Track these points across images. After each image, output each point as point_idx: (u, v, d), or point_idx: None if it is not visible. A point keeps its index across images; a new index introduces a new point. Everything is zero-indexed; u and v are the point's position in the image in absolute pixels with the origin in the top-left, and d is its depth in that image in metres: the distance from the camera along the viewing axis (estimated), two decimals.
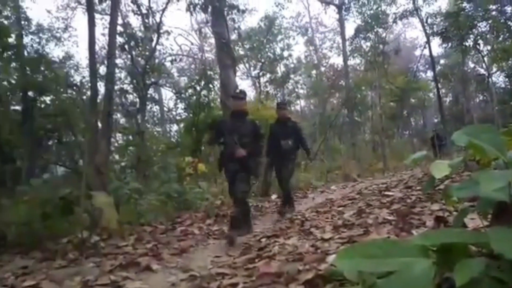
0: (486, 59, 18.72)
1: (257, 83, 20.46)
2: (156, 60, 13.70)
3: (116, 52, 8.16)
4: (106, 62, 6.81)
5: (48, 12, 19.31)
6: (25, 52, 10.82)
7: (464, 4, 13.95)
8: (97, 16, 10.50)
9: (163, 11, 12.41)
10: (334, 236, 2.65)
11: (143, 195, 4.94)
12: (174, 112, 16.14)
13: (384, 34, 17.30)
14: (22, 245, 3.39)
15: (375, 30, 16.51)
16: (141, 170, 7.63)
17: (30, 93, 9.80)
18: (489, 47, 17.44)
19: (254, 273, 2.09)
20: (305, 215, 4.51)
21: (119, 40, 10.31)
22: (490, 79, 19.50)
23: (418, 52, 23.72)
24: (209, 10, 8.50)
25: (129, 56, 12.33)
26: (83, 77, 12.95)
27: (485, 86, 21.27)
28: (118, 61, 13.18)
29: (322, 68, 24.36)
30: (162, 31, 12.16)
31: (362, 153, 17.93)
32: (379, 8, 16.58)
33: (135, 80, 12.63)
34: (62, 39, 15.13)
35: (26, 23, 11.91)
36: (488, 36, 15.06)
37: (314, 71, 24.30)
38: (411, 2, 15.46)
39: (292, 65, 21.92)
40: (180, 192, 5.70)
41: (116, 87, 11.31)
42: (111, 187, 4.54)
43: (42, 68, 10.05)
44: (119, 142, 13.67)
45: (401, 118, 22.44)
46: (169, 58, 15.32)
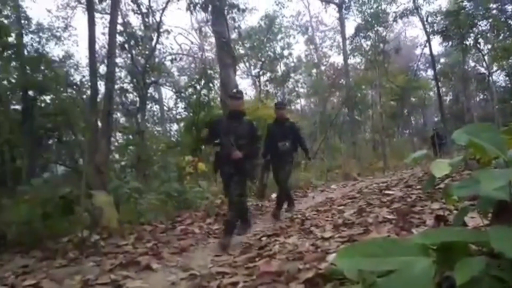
0: (486, 57, 18.70)
1: (257, 82, 20.45)
2: (156, 59, 13.70)
3: (116, 51, 8.15)
4: (106, 61, 6.81)
5: (48, 11, 19.46)
6: (25, 51, 10.84)
7: (465, 2, 13.91)
8: (97, 15, 10.51)
9: (163, 10, 12.41)
10: (334, 235, 2.66)
11: (143, 194, 4.94)
12: (174, 111, 16.13)
13: (384, 33, 17.25)
14: (22, 244, 3.40)
15: (375, 29, 16.47)
16: (141, 169, 7.63)
17: (30, 92, 9.82)
18: (489, 46, 17.43)
19: (255, 272, 2.10)
20: (305, 214, 4.52)
21: (119, 39, 10.31)
22: (490, 78, 19.48)
23: (418, 51, 23.75)
24: (209, 9, 8.49)
25: (129, 55, 12.33)
26: (83, 76, 13.00)
27: (485, 85, 21.24)
28: (118, 60, 13.21)
29: (323, 67, 24.31)
30: (162, 30, 12.15)
31: (363, 152, 17.90)
32: (380, 7, 16.53)
33: (135, 79, 12.64)
34: (62, 38, 15.16)
35: (26, 22, 11.92)
36: (488, 34, 15.03)
37: (314, 70, 24.25)
38: (412, 0, 15.40)
39: (292, 64, 21.92)
40: (180, 191, 5.70)
41: (116, 86, 11.31)
42: (111, 186, 4.54)
43: (42, 67, 10.06)
44: (119, 141, 13.69)
45: (401, 117, 22.40)
46: (169, 57, 15.32)
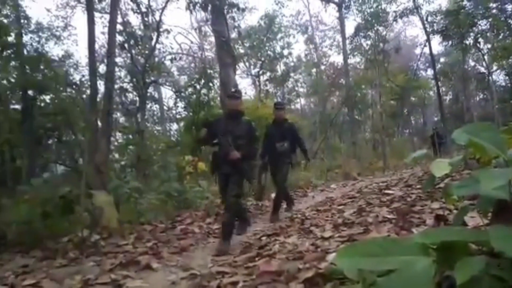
0: (486, 57, 18.71)
1: (257, 82, 20.44)
2: (156, 59, 13.65)
3: (116, 50, 8.14)
4: (105, 61, 6.81)
5: (48, 10, 19.40)
6: (24, 51, 10.82)
7: (464, 2, 13.92)
8: (96, 14, 10.50)
9: (163, 9, 12.39)
10: (334, 234, 2.66)
11: (143, 194, 4.93)
12: (174, 111, 16.11)
13: (384, 32, 17.25)
14: (22, 244, 3.40)
15: (375, 28, 16.46)
16: (141, 169, 7.63)
17: (29, 92, 9.81)
18: (489, 45, 17.42)
19: (254, 271, 2.09)
20: (305, 213, 4.52)
21: (119, 38, 10.30)
22: (490, 77, 19.48)
23: (418, 50, 23.79)
24: (209, 8, 8.48)
25: (128, 55, 12.31)
26: (83, 75, 12.96)
27: (485, 85, 21.25)
28: (118, 59, 13.17)
29: (322, 67, 24.30)
30: (161, 29, 12.13)
31: (362, 151, 17.89)
32: (379, 6, 16.52)
33: (135, 79, 12.63)
34: (62, 38, 15.13)
35: (26, 21, 11.90)
36: (488, 34, 15.03)
37: (314, 70, 24.23)
38: (411, 0, 15.43)
39: (292, 63, 21.92)
40: (180, 191, 5.70)
41: (116, 86, 11.31)
42: (111, 186, 4.54)
43: (41, 67, 10.05)
44: (119, 141, 13.66)
45: (401, 116, 22.39)
46: (169, 57, 15.27)
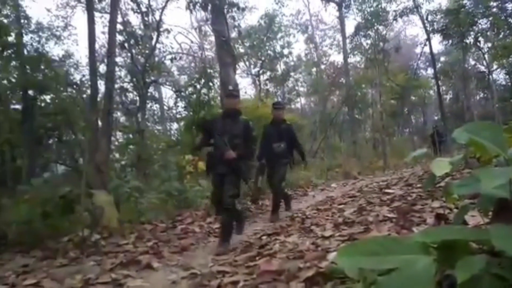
0: (486, 56, 18.68)
1: (257, 81, 20.43)
2: (156, 59, 13.66)
3: (116, 50, 8.14)
4: (106, 61, 6.81)
5: (48, 10, 19.47)
6: (25, 51, 10.82)
7: (465, 1, 13.92)
8: (96, 14, 10.51)
9: (163, 9, 12.40)
10: (334, 233, 2.66)
11: (143, 193, 4.93)
12: (174, 110, 16.06)
13: (384, 32, 17.25)
14: (23, 243, 3.40)
15: (375, 28, 16.45)
16: (141, 168, 7.63)
17: (30, 91, 9.81)
18: (489, 44, 17.42)
19: (255, 271, 2.09)
20: (305, 213, 4.52)
21: (119, 38, 10.30)
22: (490, 76, 19.47)
23: (418, 50, 23.77)
24: (209, 8, 8.49)
25: (129, 55, 12.32)
26: (83, 75, 12.98)
27: (485, 84, 21.23)
28: (118, 59, 13.16)
29: (322, 66, 24.28)
30: (162, 29, 12.14)
31: (363, 151, 17.88)
32: (379, 6, 16.51)
33: (135, 79, 12.62)
34: (62, 38, 15.14)
35: (26, 21, 11.89)
36: (488, 33, 15.02)
37: (314, 69, 24.20)
38: None
39: (292, 63, 21.91)
40: (181, 190, 5.70)
41: (116, 86, 11.31)
42: (111, 186, 4.55)
43: (42, 67, 10.05)
44: (119, 141, 13.68)
45: (401, 115, 22.38)
46: (169, 57, 15.24)
